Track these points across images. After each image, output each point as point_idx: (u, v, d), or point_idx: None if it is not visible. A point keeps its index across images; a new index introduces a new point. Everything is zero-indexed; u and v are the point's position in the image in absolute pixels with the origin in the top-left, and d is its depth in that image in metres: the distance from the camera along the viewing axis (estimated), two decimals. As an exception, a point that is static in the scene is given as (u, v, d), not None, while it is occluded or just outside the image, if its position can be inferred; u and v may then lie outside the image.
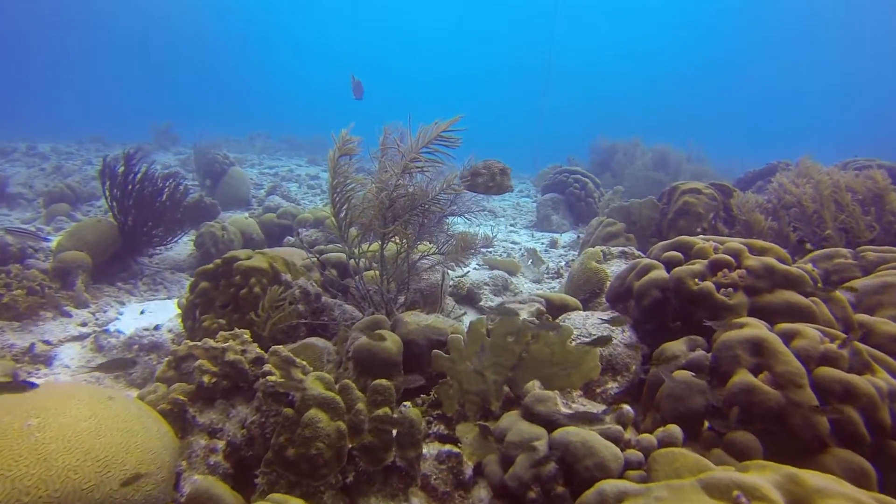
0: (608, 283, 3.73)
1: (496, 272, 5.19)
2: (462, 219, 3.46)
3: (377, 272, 3.45)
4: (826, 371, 2.31)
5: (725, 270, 2.78)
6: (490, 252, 6.85)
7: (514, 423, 2.42)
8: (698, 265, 2.85)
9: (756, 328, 2.49)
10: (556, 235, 8.85)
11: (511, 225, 9.89)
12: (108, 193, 5.07)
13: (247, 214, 7.82)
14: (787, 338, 2.45)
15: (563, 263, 6.51)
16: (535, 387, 2.57)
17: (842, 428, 2.22)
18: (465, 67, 67.06)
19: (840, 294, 2.90)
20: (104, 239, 4.83)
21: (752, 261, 2.77)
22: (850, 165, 9.15)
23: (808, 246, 4.32)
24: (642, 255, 3.98)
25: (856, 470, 2.12)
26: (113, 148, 14.77)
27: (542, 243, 8.14)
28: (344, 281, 3.95)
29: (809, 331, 2.45)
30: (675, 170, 11.87)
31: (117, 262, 5.12)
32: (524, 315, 3.19)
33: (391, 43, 66.79)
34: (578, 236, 8.57)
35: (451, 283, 4.80)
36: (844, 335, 2.51)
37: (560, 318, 3.19)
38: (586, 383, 2.80)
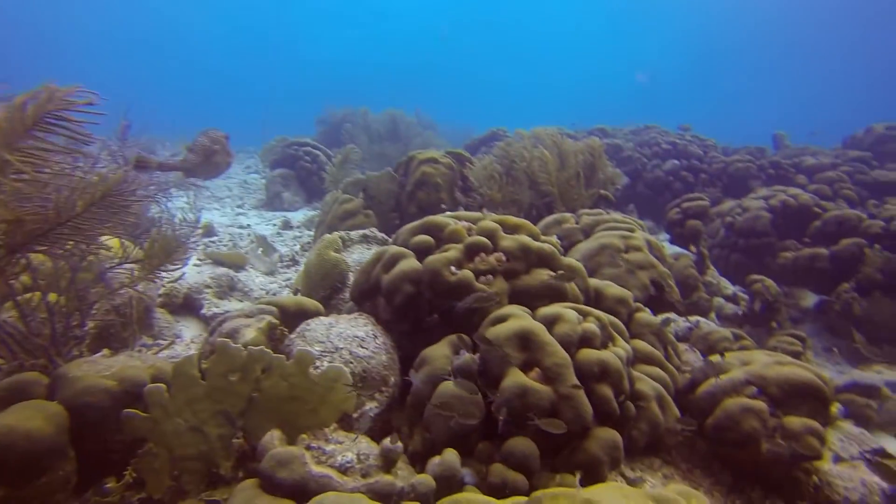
0: (351, 276, 3.18)
1: (220, 270, 4.18)
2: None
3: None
4: (586, 354, 2.19)
5: (482, 254, 2.47)
6: (215, 242, 5.68)
7: (251, 501, 1.69)
8: (453, 251, 2.48)
9: (521, 319, 2.24)
10: (288, 214, 8.01)
11: (238, 206, 8.63)
12: None
13: None
14: (550, 324, 2.27)
15: (297, 248, 5.77)
16: (274, 439, 1.86)
17: (599, 407, 2.13)
18: (177, 34, 58.27)
19: (580, 265, 2.91)
20: None
21: (508, 241, 2.52)
22: (641, 133, 10.44)
23: (534, 213, 4.49)
24: (386, 238, 3.53)
25: (611, 444, 2.07)
26: None
27: (274, 224, 7.23)
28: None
29: (568, 313, 2.30)
30: (407, 139, 12.03)
31: None
32: (251, 334, 2.41)
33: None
34: (314, 214, 7.90)
35: (160, 291, 3.67)
36: (594, 311, 2.46)
37: (299, 329, 2.51)
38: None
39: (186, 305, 3.83)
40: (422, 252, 2.66)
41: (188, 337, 3.53)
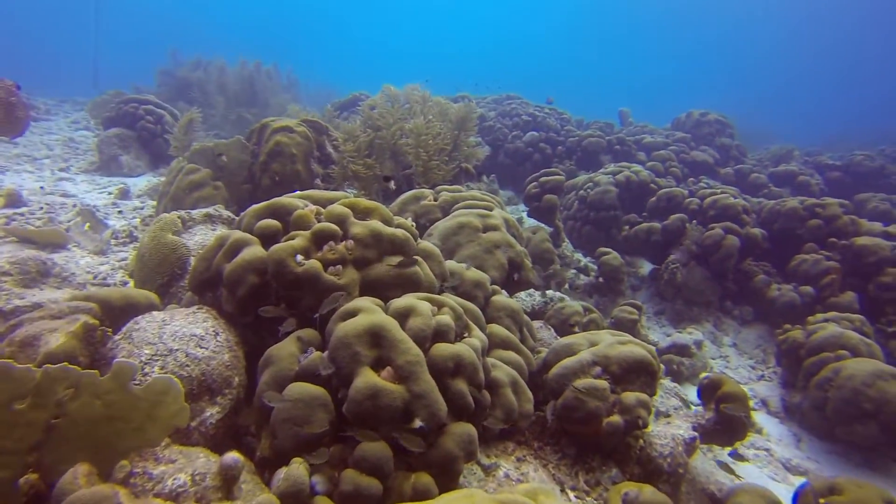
0: (192, 261, 2.85)
1: (26, 252, 3.54)
2: None
3: None
4: (440, 349, 2.15)
5: (332, 243, 2.31)
6: (23, 215, 4.82)
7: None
8: (300, 239, 2.30)
9: (372, 314, 2.13)
10: (128, 181, 7.08)
11: (61, 170, 7.42)
12: None
13: None
14: (403, 318, 2.19)
15: (137, 221, 5.11)
16: (77, 477, 1.59)
17: (454, 402, 2.13)
18: None
19: (436, 249, 2.87)
20: None
21: (359, 228, 2.39)
22: (503, 102, 10.29)
23: (393, 185, 4.38)
24: (233, 217, 3.22)
25: (466, 439, 2.07)
26: None
27: (109, 193, 6.34)
28: None
29: (422, 306, 2.24)
30: (264, 101, 11.16)
31: None
32: (59, 339, 2.05)
33: None
34: (159, 182, 7.06)
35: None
36: (448, 300, 2.44)
37: (126, 328, 2.19)
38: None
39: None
40: (268, 238, 2.44)
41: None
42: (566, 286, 5.16)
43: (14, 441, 1.62)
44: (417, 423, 1.95)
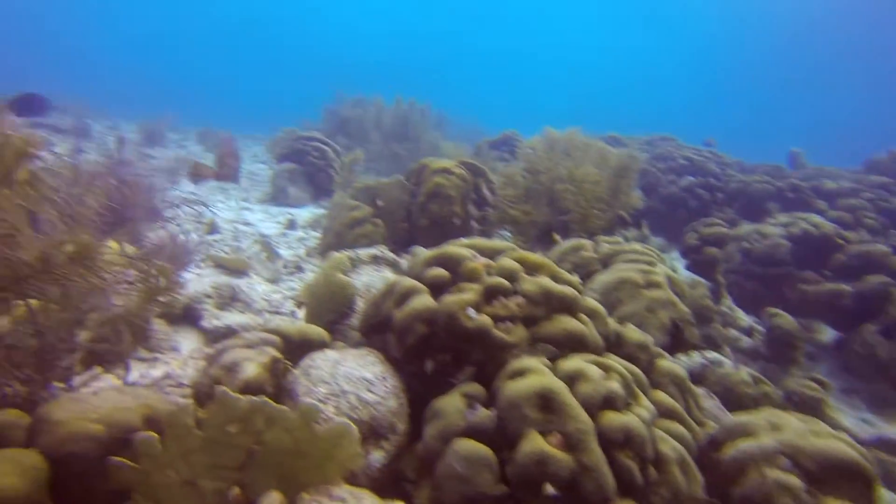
0: (359, 300, 3.03)
1: (222, 279, 4.03)
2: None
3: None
4: (609, 419, 2.03)
5: (502, 298, 2.31)
6: (217, 241, 5.52)
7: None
8: (472, 293, 2.32)
9: (541, 376, 2.08)
10: (294, 211, 7.85)
11: (244, 199, 8.45)
12: None
13: None
14: (572, 381, 2.11)
15: (302, 252, 5.61)
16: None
17: (621, 477, 1.99)
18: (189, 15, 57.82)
19: (600, 307, 2.75)
20: None
21: (529, 284, 2.36)
22: (656, 144, 10.22)
23: (556, 237, 4.32)
24: (397, 259, 3.38)
25: None
26: None
27: (279, 223, 7.06)
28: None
29: (591, 370, 2.15)
30: (416, 137, 11.81)
31: None
32: (253, 369, 2.26)
33: None
34: (320, 213, 7.73)
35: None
36: (616, 366, 2.31)
37: (303, 364, 2.36)
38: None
39: (185, 315, 3.69)
40: (436, 287, 2.51)
41: (186, 350, 3.38)
42: (726, 348, 4.69)
43: (228, 459, 1.80)
44: (549, 489, 1.86)
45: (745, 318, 5.03)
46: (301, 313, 4.03)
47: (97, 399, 1.97)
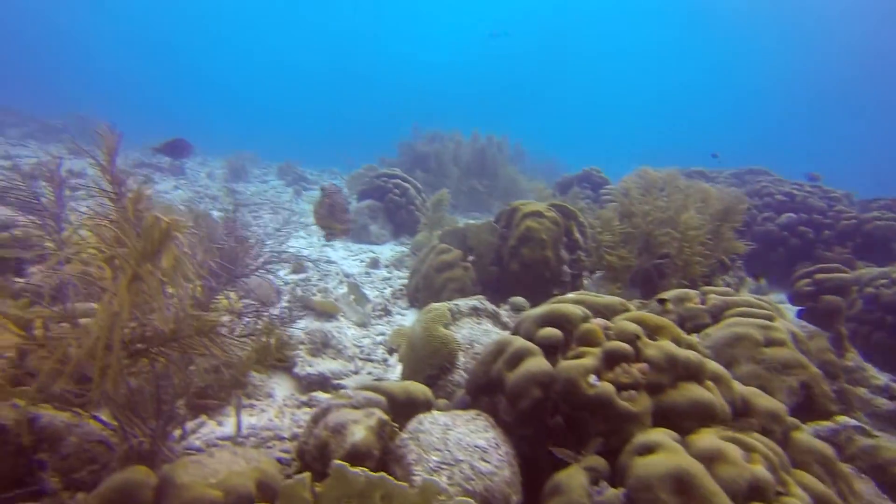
0: (461, 356, 2.94)
1: (314, 324, 4.10)
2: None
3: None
4: (759, 510, 1.81)
5: (625, 364, 2.15)
6: (304, 282, 5.67)
7: None
8: (591, 358, 2.18)
9: (674, 454, 1.88)
10: (375, 249, 7.97)
11: (305, 226, 8.74)
12: None
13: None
14: (709, 462, 1.90)
15: (388, 293, 5.63)
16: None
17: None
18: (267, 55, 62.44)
19: (724, 371, 2.51)
20: None
21: (653, 350, 2.18)
22: (745, 177, 9.86)
23: (670, 307, 4.06)
24: (497, 310, 3.28)
25: None
26: None
27: (362, 261, 7.17)
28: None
29: (731, 451, 1.93)
30: (493, 173, 11.83)
31: None
32: (361, 433, 2.21)
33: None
34: (402, 251, 7.81)
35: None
36: (759, 445, 2.07)
37: (411, 427, 2.29)
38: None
39: (279, 361, 3.75)
40: (549, 348, 2.39)
41: (280, 397, 3.41)
42: (859, 412, 4.18)
43: (343, 538, 1.74)
44: None
45: (879, 377, 4.49)
46: (392, 360, 4.00)
47: (214, 461, 1.98)
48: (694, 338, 2.53)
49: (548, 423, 2.30)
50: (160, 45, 56.28)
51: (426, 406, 2.54)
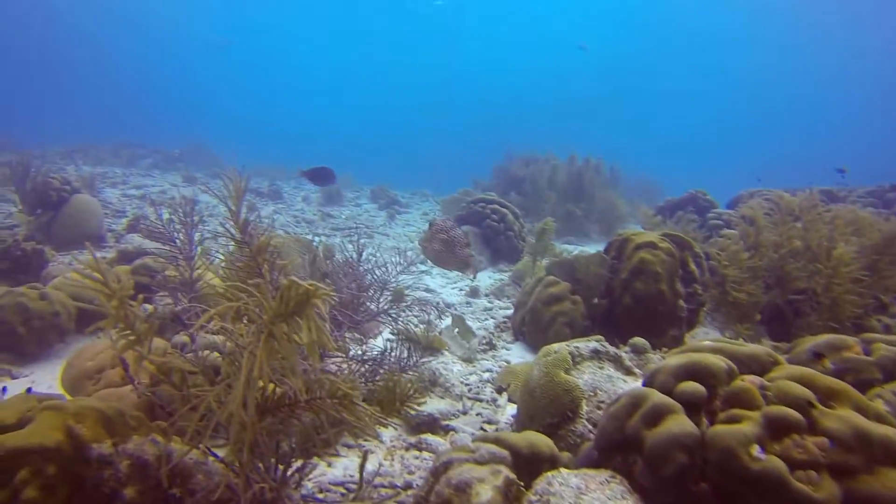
0: (584, 404, 2.71)
1: (421, 362, 4.01)
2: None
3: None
4: None
5: (795, 436, 1.83)
6: (404, 312, 5.63)
7: None
8: (749, 425, 1.88)
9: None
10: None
11: (422, 262, 8.74)
12: None
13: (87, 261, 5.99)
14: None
15: (491, 325, 5.47)
16: None
17: None
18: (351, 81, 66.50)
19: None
20: None
21: (834, 421, 1.84)
22: (884, 194, 9.05)
23: (826, 360, 3.58)
24: (619, 353, 3.01)
25: None
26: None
27: (461, 290, 7.08)
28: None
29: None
30: (590, 196, 11.42)
31: None
32: (488, 493, 2.05)
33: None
34: (500, 278, 7.64)
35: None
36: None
37: (540, 489, 2.09)
38: None
39: (387, 401, 3.69)
40: (690, 406, 2.11)
41: (388, 438, 3.33)
42: None
43: None
44: None
45: None
46: (502, 400, 3.81)
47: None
48: (881, 405, 2.13)
49: (691, 490, 2.02)
50: (265, 87, 61.92)
51: (551, 461, 2.33)
